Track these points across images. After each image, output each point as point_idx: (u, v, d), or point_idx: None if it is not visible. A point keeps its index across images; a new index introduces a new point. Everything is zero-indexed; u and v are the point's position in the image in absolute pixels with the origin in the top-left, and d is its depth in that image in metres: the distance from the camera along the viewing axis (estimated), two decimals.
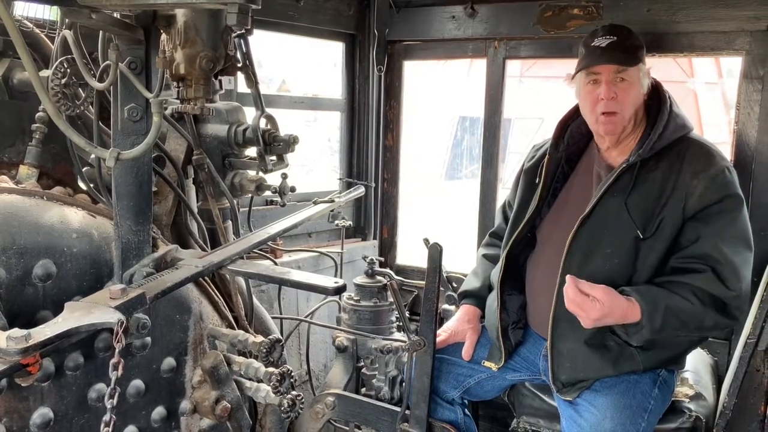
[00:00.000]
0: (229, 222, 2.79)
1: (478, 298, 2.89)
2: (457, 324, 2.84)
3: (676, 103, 2.54)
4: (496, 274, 2.72)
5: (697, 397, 2.69)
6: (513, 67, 3.73)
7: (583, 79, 2.52)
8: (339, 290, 2.06)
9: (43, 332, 1.57)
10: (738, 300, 2.33)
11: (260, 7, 1.55)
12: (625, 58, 2.45)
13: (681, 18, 3.13)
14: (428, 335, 2.58)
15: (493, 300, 2.71)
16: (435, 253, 2.56)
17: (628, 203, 2.41)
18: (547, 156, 2.66)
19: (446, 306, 3.45)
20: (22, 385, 1.83)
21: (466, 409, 2.87)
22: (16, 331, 1.55)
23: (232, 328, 2.59)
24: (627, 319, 2.29)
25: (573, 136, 2.68)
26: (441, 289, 2.75)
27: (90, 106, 2.12)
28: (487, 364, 2.70)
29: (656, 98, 2.53)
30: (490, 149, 3.76)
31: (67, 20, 1.96)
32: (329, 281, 2.09)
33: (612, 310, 2.26)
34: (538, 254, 2.68)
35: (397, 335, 3.24)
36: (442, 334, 2.79)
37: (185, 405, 2.43)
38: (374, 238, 4.23)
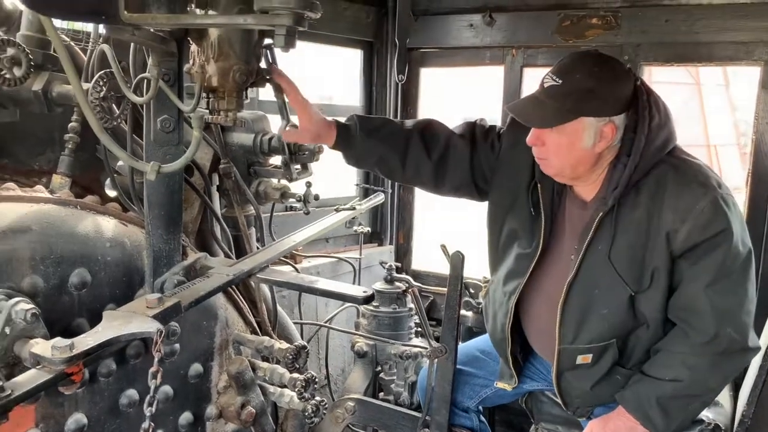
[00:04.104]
0: (252, 228, 2.84)
1: (347, 126, 2.45)
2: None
3: (659, 114, 2.15)
4: (499, 314, 2.49)
5: (715, 404, 2.70)
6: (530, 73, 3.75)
7: None
8: (368, 299, 2.10)
9: (86, 342, 1.61)
10: (735, 344, 2.13)
11: (306, 29, 1.59)
12: (549, 114, 2.09)
13: (699, 28, 3.16)
14: (450, 342, 2.61)
15: (496, 335, 2.54)
16: (457, 261, 2.58)
17: (612, 258, 2.17)
18: (539, 185, 2.34)
19: (464, 312, 3.48)
20: (66, 393, 1.87)
21: (481, 416, 2.89)
22: (60, 341, 1.58)
23: (256, 333, 2.63)
24: (643, 430, 2.23)
25: None
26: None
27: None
28: (500, 385, 2.64)
29: (632, 121, 2.14)
30: None
31: (103, 34, 2.00)
32: (358, 290, 2.13)
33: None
34: (531, 303, 2.43)
35: (416, 341, 3.28)
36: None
37: (211, 410, 2.46)
38: (390, 244, 4.27)
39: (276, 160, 2.75)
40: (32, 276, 1.89)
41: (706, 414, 2.62)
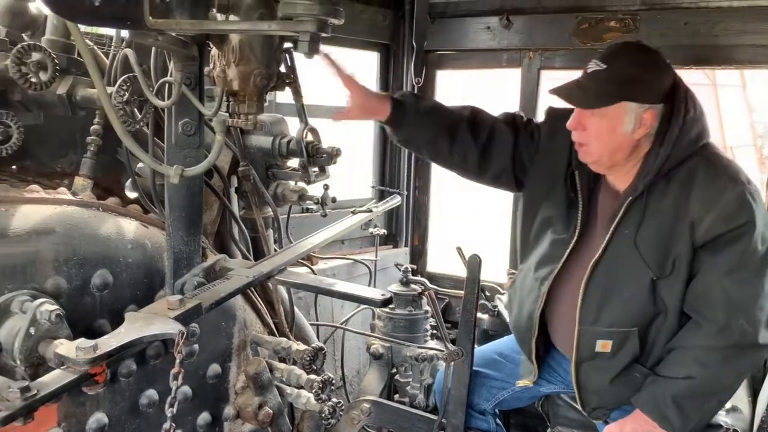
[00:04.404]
0: (270, 230, 2.86)
1: (402, 105, 2.47)
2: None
3: (694, 109, 2.22)
4: (528, 302, 2.52)
5: (733, 410, 2.69)
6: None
7: None
8: (386, 302, 2.11)
9: (109, 343, 1.63)
10: (746, 337, 2.14)
11: (330, 35, 1.60)
12: (594, 96, 2.17)
13: (719, 31, 3.13)
14: (466, 345, 2.62)
15: (523, 324, 2.56)
16: (474, 264, 2.59)
17: (638, 242, 2.21)
18: (577, 173, 2.41)
19: (480, 315, 3.48)
20: (89, 393, 1.89)
21: (497, 419, 2.90)
22: (84, 342, 1.60)
23: (274, 335, 2.65)
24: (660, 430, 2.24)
25: None
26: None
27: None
28: (521, 383, 2.65)
29: (668, 113, 2.21)
30: None
31: (126, 38, 2.03)
32: (376, 293, 2.14)
33: None
34: (560, 285, 2.45)
35: (432, 343, 3.28)
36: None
37: (229, 410, 2.48)
38: (405, 246, 4.27)
39: (294, 162, 2.77)
40: (55, 277, 1.92)
41: (725, 419, 2.61)
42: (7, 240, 1.84)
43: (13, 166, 2.22)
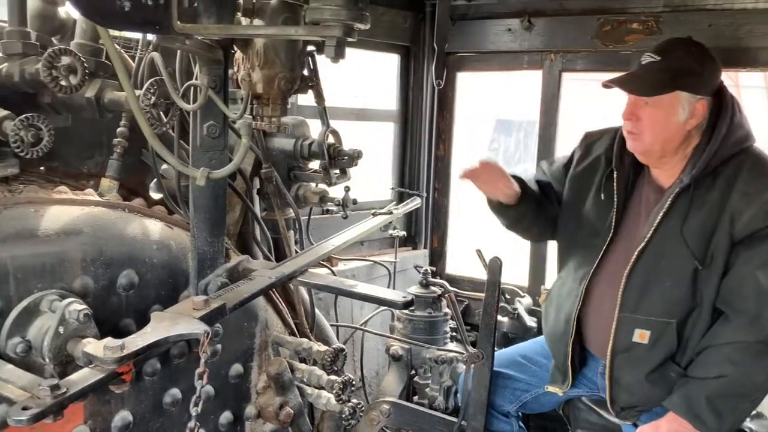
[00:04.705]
0: (291, 231, 2.88)
1: (520, 181, 2.68)
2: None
3: (740, 112, 2.35)
4: (567, 302, 2.58)
5: (758, 416, 2.67)
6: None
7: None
8: (407, 305, 2.11)
9: (136, 342, 1.65)
10: None
11: (356, 40, 1.62)
12: (650, 85, 2.28)
13: (743, 34, 3.10)
14: (486, 348, 2.62)
15: (560, 326, 2.59)
16: (495, 267, 2.60)
17: (684, 232, 2.28)
18: (615, 173, 2.50)
19: (500, 318, 3.48)
20: (116, 392, 1.92)
21: (520, 422, 2.90)
22: (111, 341, 1.63)
23: (294, 335, 2.67)
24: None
25: None
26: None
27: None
28: (551, 389, 2.66)
29: (717, 110, 2.33)
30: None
31: (152, 42, 2.06)
32: (397, 295, 2.14)
33: None
34: (598, 281, 2.52)
35: (451, 345, 3.29)
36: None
37: (250, 410, 2.51)
38: (425, 248, 4.27)
39: (315, 164, 2.79)
40: (83, 277, 1.95)
41: (749, 425, 2.59)
42: (37, 240, 1.87)
43: (41, 167, 2.26)
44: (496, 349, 2.72)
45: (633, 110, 2.34)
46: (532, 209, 2.69)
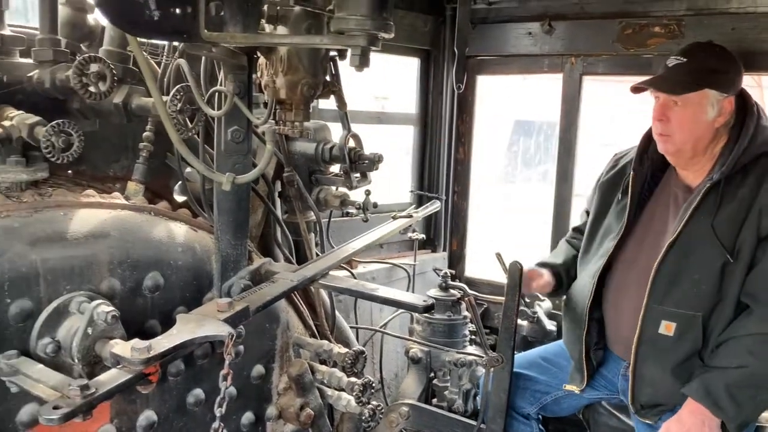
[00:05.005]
0: (312, 234, 2.90)
1: (553, 268, 2.85)
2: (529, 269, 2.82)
3: (764, 114, 2.44)
4: (580, 297, 2.68)
5: None
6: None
7: (652, 94, 2.50)
8: (428, 309, 2.13)
9: (162, 343, 1.68)
10: None
11: (380, 49, 1.64)
12: (680, 84, 2.37)
13: (767, 37, 3.08)
14: (506, 352, 2.63)
15: (574, 322, 2.68)
16: (515, 271, 2.60)
17: (715, 225, 2.33)
18: (632, 173, 2.59)
19: (519, 321, 3.48)
20: (143, 392, 1.96)
21: (541, 425, 2.90)
22: (138, 342, 1.66)
23: (315, 337, 2.70)
24: (713, 420, 2.28)
25: (657, 150, 2.58)
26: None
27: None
28: (568, 387, 2.69)
29: (741, 111, 2.42)
30: (565, 164, 3.77)
31: (179, 48, 2.10)
32: (418, 299, 2.16)
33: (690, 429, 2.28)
34: (619, 276, 2.62)
35: (470, 349, 3.29)
36: None
37: (271, 411, 2.53)
38: (444, 250, 4.28)
39: (336, 168, 2.82)
40: (110, 279, 1.99)
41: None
42: (66, 243, 1.91)
43: (69, 171, 2.30)
44: (515, 352, 2.73)
45: (663, 111, 2.41)
46: (571, 280, 2.85)
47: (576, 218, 3.21)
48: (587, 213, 2.93)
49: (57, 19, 2.05)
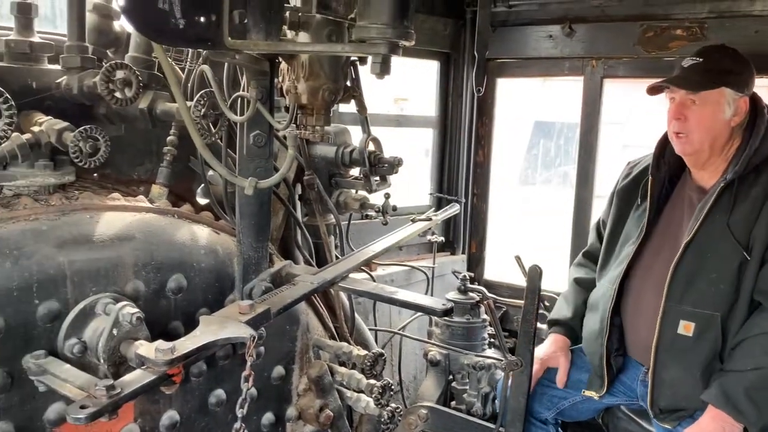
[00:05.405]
0: (332, 236, 2.93)
1: (568, 327, 2.87)
2: (548, 351, 2.82)
3: None
4: (600, 303, 2.67)
5: None
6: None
7: (668, 96, 2.51)
8: (447, 312, 2.14)
9: (185, 345, 1.72)
10: None
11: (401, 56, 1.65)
12: (697, 82, 2.40)
13: None
14: (525, 355, 2.63)
15: (595, 328, 2.67)
16: (534, 275, 2.60)
17: (731, 224, 2.35)
18: (650, 178, 2.60)
19: (538, 325, 3.47)
20: (166, 392, 2.00)
21: (558, 429, 2.89)
22: (162, 344, 1.70)
23: (335, 339, 2.72)
24: (735, 426, 2.27)
25: (673, 154, 2.59)
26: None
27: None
28: (587, 393, 2.69)
29: (752, 113, 2.45)
30: (586, 167, 3.76)
31: (203, 54, 2.13)
32: (437, 303, 2.17)
33: None
34: (638, 280, 2.62)
35: (489, 352, 3.30)
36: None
37: (291, 411, 2.56)
38: (463, 253, 4.29)
39: (356, 171, 2.84)
40: (135, 281, 2.03)
41: None
42: (93, 245, 1.96)
43: (95, 174, 2.35)
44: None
45: (681, 110, 2.43)
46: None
47: (592, 229, 3.16)
48: (601, 227, 2.94)
49: (85, 26, 2.10)
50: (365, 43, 1.62)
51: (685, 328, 2.39)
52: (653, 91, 2.53)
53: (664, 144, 2.61)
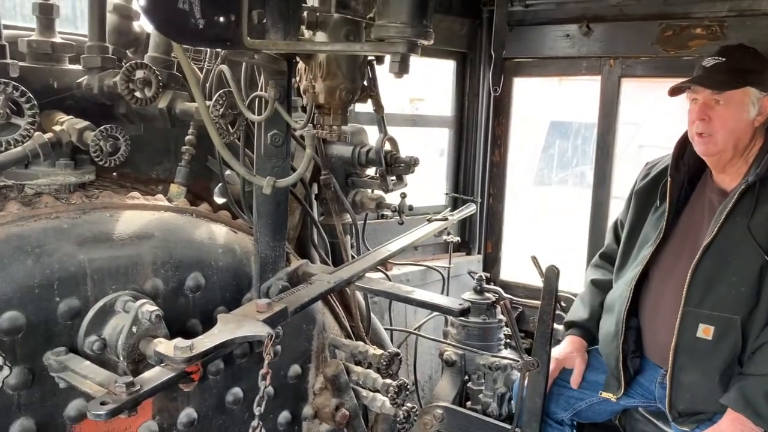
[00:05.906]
0: (348, 236, 2.94)
1: (584, 329, 2.85)
2: (564, 353, 2.81)
3: None
4: (617, 304, 2.66)
5: None
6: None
7: (689, 96, 2.49)
8: (464, 312, 2.14)
9: (204, 343, 1.73)
10: None
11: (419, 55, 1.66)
12: (722, 81, 2.38)
13: None
14: (542, 356, 2.62)
15: (611, 330, 2.65)
16: (551, 275, 2.59)
17: (752, 227, 2.32)
18: (669, 179, 2.58)
19: (555, 326, 3.45)
20: (184, 390, 2.01)
21: (575, 430, 2.88)
22: (181, 342, 1.71)
23: (350, 338, 2.72)
24: (755, 430, 2.26)
25: (692, 155, 2.57)
26: None
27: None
28: (604, 395, 2.67)
29: None
30: (603, 168, 3.73)
31: (222, 54, 2.14)
32: (454, 303, 2.17)
33: None
34: (656, 283, 2.60)
35: (505, 352, 3.29)
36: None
37: (307, 410, 2.57)
38: (478, 253, 4.28)
39: (372, 171, 2.84)
40: (154, 279, 2.04)
41: None
42: (112, 244, 1.97)
43: (114, 173, 2.37)
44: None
45: (704, 110, 2.40)
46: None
47: (609, 230, 3.15)
48: (619, 228, 2.92)
49: (105, 27, 2.12)
50: (384, 42, 1.62)
51: (704, 331, 2.37)
52: (675, 92, 2.50)
53: (683, 145, 2.59)
